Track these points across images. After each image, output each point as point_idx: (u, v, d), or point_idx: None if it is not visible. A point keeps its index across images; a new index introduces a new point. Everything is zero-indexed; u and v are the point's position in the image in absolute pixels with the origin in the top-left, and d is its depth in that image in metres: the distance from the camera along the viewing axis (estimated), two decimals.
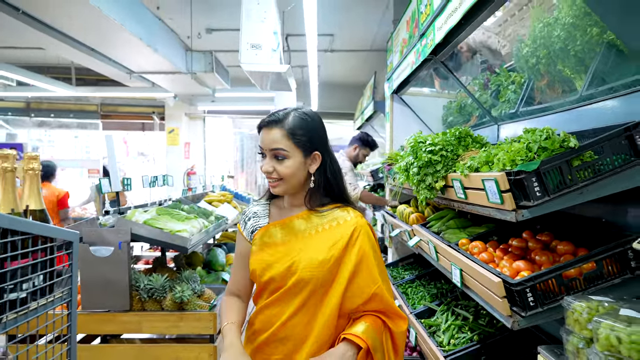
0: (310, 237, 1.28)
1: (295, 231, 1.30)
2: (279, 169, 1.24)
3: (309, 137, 1.25)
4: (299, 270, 1.23)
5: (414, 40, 2.70)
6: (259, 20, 2.46)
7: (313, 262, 1.23)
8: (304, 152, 1.25)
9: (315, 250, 1.25)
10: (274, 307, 1.27)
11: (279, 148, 1.23)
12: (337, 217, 1.30)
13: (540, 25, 1.99)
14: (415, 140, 2.04)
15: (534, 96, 2.35)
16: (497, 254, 1.69)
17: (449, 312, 2.40)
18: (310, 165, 1.28)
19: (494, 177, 1.38)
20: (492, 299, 1.44)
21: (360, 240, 1.27)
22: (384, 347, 1.25)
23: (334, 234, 1.27)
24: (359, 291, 1.24)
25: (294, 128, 1.24)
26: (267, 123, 1.26)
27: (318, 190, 1.30)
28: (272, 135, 1.24)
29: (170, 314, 2.37)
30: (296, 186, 1.28)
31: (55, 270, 1.02)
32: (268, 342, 1.26)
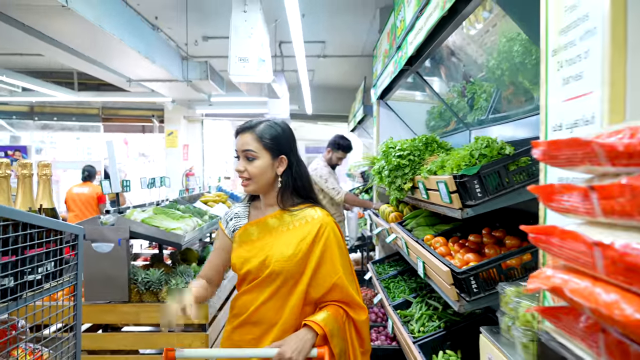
0: (282, 233, 1.46)
1: (269, 229, 1.48)
2: (249, 169, 1.43)
3: (277, 142, 1.45)
4: (271, 264, 1.41)
5: (393, 51, 2.90)
6: (246, 36, 2.67)
7: (284, 256, 1.41)
8: (271, 155, 1.45)
9: (286, 246, 1.43)
10: (251, 293, 1.46)
11: (249, 149, 1.43)
12: (305, 216, 1.48)
13: (504, 40, 2.19)
14: (387, 145, 2.24)
15: (501, 104, 2.55)
16: (455, 248, 1.89)
17: (423, 304, 2.60)
18: (278, 168, 1.47)
19: (444, 180, 1.58)
20: (444, 286, 1.65)
21: (325, 236, 1.45)
22: (346, 334, 1.43)
23: (303, 230, 1.45)
24: (322, 281, 1.42)
25: (263, 133, 1.44)
26: (242, 129, 1.46)
27: (287, 190, 1.49)
28: (245, 139, 1.44)
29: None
30: (265, 185, 1.47)
31: (63, 258, 1.23)
32: (244, 323, 1.45)
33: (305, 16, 4.34)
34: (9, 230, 0.99)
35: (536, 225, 0.75)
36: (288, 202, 1.50)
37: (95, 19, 2.36)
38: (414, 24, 2.25)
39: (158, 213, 2.82)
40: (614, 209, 0.58)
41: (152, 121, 7.72)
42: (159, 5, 3.98)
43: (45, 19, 2.41)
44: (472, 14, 1.80)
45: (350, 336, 1.46)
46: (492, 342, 1.40)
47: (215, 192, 4.38)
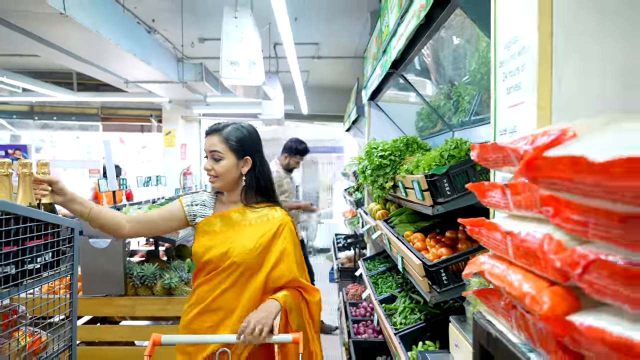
0: (244, 228, 1.58)
1: (232, 223, 1.59)
2: (215, 168, 1.55)
3: (242, 143, 1.57)
4: (233, 256, 1.52)
5: (380, 55, 3.01)
6: (237, 41, 2.78)
7: (245, 249, 1.53)
8: (236, 156, 1.57)
9: (247, 239, 1.55)
10: (210, 283, 1.56)
11: (215, 150, 1.55)
12: (267, 214, 1.61)
13: (484, 44, 2.30)
14: (369, 145, 2.35)
15: (482, 107, 2.66)
16: (431, 243, 2.00)
17: (406, 298, 2.71)
18: (242, 167, 1.59)
19: (417, 178, 1.69)
20: (418, 279, 1.76)
21: (283, 234, 1.58)
22: (301, 312, 1.57)
23: (264, 227, 1.58)
24: (279, 276, 1.56)
25: (229, 135, 1.56)
26: (210, 131, 1.59)
27: (250, 189, 1.61)
28: (212, 140, 1.56)
29: (159, 298, 2.69)
30: (230, 183, 1.59)
31: (60, 250, 1.34)
32: (203, 312, 1.55)
33: (298, 19, 4.45)
34: (10, 223, 1.10)
35: (470, 218, 0.86)
36: (251, 200, 1.61)
37: (93, 25, 2.46)
38: (396, 29, 2.36)
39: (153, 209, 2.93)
40: (521, 203, 0.69)
41: (150, 121, 7.84)
42: (155, 8, 4.09)
43: (43, 25, 2.51)
44: (448, 20, 1.90)
45: (305, 316, 1.60)
46: (458, 329, 1.51)
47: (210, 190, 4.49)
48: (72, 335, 1.39)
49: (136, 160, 9.79)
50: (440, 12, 1.81)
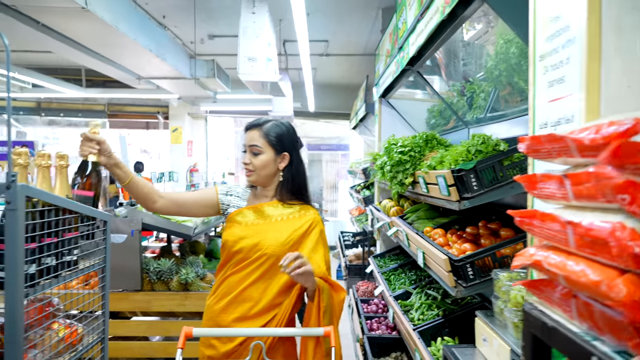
0: (276, 222, 1.59)
1: (265, 216, 1.61)
2: (254, 162, 1.57)
3: (280, 139, 1.59)
4: (264, 247, 1.54)
5: (395, 52, 3.01)
6: (255, 36, 2.78)
7: (277, 242, 1.54)
8: (275, 151, 1.58)
9: (279, 233, 1.56)
10: (239, 274, 1.57)
11: (255, 144, 1.57)
12: (299, 211, 1.63)
13: (502, 42, 2.30)
14: (389, 142, 2.35)
15: (499, 103, 2.66)
16: (453, 239, 2.00)
17: (422, 294, 2.71)
18: (280, 163, 1.61)
19: (443, 174, 1.70)
20: (442, 274, 1.76)
21: (315, 232, 1.59)
22: (332, 297, 1.56)
23: (295, 223, 1.59)
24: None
25: (268, 131, 1.58)
26: (251, 126, 1.61)
27: (285, 186, 1.62)
28: (252, 134, 1.59)
29: (176, 294, 2.69)
30: (265, 178, 1.60)
31: (94, 242, 1.35)
32: (231, 303, 1.56)
33: (309, 16, 4.45)
34: (52, 214, 1.11)
35: (521, 210, 0.86)
36: (285, 197, 1.63)
37: (112, 20, 2.47)
38: (415, 26, 2.36)
39: None
40: (583, 193, 0.69)
41: (157, 117, 7.84)
42: (166, 5, 4.09)
43: (63, 19, 2.52)
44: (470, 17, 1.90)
45: (332, 309, 1.58)
46: (487, 324, 1.52)
47: None
48: (104, 328, 1.39)
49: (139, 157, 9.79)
50: (464, 8, 1.81)
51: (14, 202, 0.94)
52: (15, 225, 0.95)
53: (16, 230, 0.95)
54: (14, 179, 0.93)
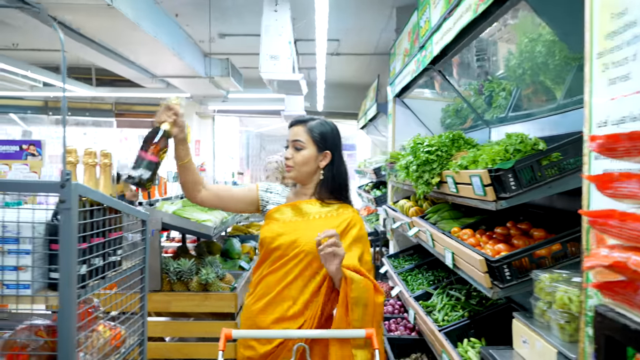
0: (314, 220, 1.57)
1: (303, 213, 1.59)
2: (295, 157, 1.56)
3: (324, 137, 1.57)
4: (302, 244, 1.51)
5: (415, 50, 2.99)
6: (277, 34, 2.76)
7: (314, 239, 1.52)
8: (317, 148, 1.57)
9: (317, 230, 1.51)
10: (277, 273, 1.54)
11: (298, 139, 1.56)
12: (338, 209, 1.60)
13: (526, 40, 2.28)
14: (415, 141, 2.33)
15: (521, 103, 2.64)
16: (483, 239, 1.98)
17: (444, 295, 2.69)
18: (321, 161, 1.59)
19: (478, 173, 1.67)
20: (477, 275, 1.74)
21: (353, 231, 1.56)
22: (366, 293, 1.44)
23: (334, 221, 1.56)
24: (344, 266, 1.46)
25: (313, 127, 1.57)
26: (296, 122, 1.60)
27: (325, 184, 1.60)
28: (296, 130, 1.59)
29: (196, 294, 2.67)
30: (305, 174, 1.59)
31: (134, 242, 1.32)
32: (269, 303, 1.53)
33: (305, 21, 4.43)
34: (100, 214, 1.08)
35: (594, 210, 0.84)
36: (324, 196, 1.61)
37: (134, 17, 2.45)
38: (440, 24, 2.34)
39: (186, 205, 2.92)
40: None
41: None
42: (179, 3, 4.07)
43: (87, 17, 2.50)
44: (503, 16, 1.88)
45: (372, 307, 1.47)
46: (527, 326, 1.50)
47: None
48: (144, 330, 1.37)
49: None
50: (499, 7, 1.79)
51: (68, 201, 0.91)
52: (70, 224, 0.92)
53: (70, 229, 0.93)
54: (68, 177, 0.90)
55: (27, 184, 0.96)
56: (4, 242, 0.97)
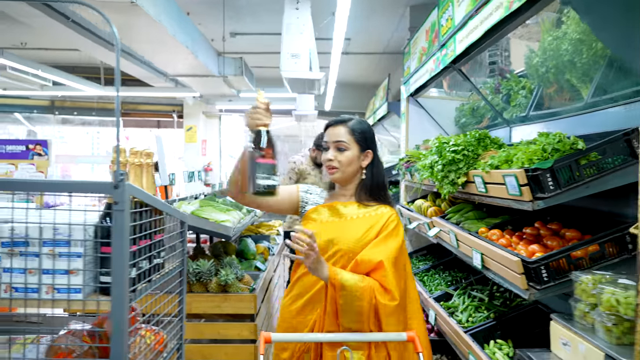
0: (351, 220, 1.55)
1: (340, 214, 1.57)
2: (339, 158, 1.53)
3: (365, 137, 1.55)
4: (339, 243, 1.49)
5: (434, 49, 2.96)
6: (298, 33, 2.74)
7: (352, 238, 1.49)
8: (360, 148, 1.54)
9: (354, 230, 1.51)
10: (312, 275, 1.50)
11: (341, 140, 1.53)
12: (376, 209, 1.57)
13: (550, 39, 2.25)
14: (440, 141, 2.30)
15: (543, 101, 2.61)
16: (514, 240, 1.96)
17: (465, 296, 2.67)
18: (363, 161, 1.56)
19: (514, 173, 1.65)
20: (511, 276, 1.71)
21: (390, 228, 1.52)
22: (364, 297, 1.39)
23: (371, 220, 1.53)
24: (368, 260, 1.45)
25: (354, 127, 1.54)
26: (335, 123, 1.57)
27: (365, 184, 1.58)
28: (337, 130, 1.55)
29: (215, 295, 2.65)
30: (349, 175, 1.56)
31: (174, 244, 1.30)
32: (307, 304, 1.51)
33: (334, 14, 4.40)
34: (147, 215, 1.06)
35: None
36: (363, 196, 1.58)
37: (155, 14, 2.42)
38: (466, 22, 2.31)
39: (204, 205, 2.89)
40: None
41: (170, 116, 7.79)
42: (192, 1, 4.04)
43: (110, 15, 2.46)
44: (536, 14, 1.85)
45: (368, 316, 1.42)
46: (568, 328, 1.47)
47: None
48: (181, 334, 1.35)
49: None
50: (531, 5, 1.76)
51: (122, 202, 0.89)
52: (123, 226, 0.90)
53: (123, 231, 0.90)
54: (122, 178, 0.88)
55: (78, 184, 0.93)
56: (54, 245, 0.95)
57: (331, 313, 1.44)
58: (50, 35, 3.04)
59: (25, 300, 0.94)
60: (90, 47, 3.44)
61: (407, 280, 1.52)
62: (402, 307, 1.44)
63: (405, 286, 1.49)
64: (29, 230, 0.94)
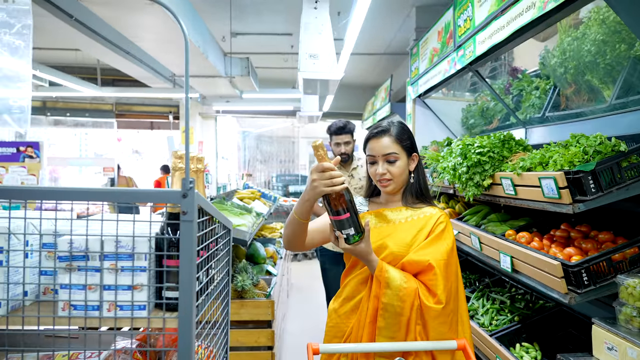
0: (400, 224, 1.49)
1: (387, 219, 1.52)
2: (392, 170, 1.47)
3: (410, 141, 1.50)
4: (390, 246, 1.42)
5: (448, 50, 2.94)
6: (317, 33, 2.68)
7: (403, 242, 1.43)
8: (407, 154, 1.50)
9: (405, 234, 1.45)
10: (362, 276, 1.46)
11: (391, 152, 1.47)
12: (424, 211, 1.51)
13: (569, 39, 2.24)
14: (463, 143, 2.28)
15: (560, 102, 2.60)
16: (545, 243, 1.94)
17: (484, 298, 2.65)
18: (410, 165, 1.52)
19: (552, 175, 1.63)
20: (549, 280, 1.69)
21: (437, 230, 1.45)
22: (407, 300, 1.34)
23: (420, 223, 1.47)
24: (416, 261, 1.38)
25: (399, 134, 1.48)
26: (377, 133, 1.50)
27: (412, 187, 1.53)
28: (383, 142, 1.48)
29: (232, 302, 2.58)
30: (401, 184, 1.51)
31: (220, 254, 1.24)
32: (355, 308, 1.46)
33: (340, 14, 4.36)
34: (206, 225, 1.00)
35: None
36: (410, 199, 1.53)
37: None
38: (489, 23, 2.29)
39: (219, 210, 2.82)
40: None
41: (165, 117, 7.65)
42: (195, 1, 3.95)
43: (127, 14, 2.38)
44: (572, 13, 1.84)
45: (410, 318, 1.37)
46: (615, 332, 1.45)
47: (248, 190, 4.38)
48: (227, 345, 1.29)
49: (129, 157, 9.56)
50: (567, 4, 1.75)
51: (190, 212, 0.83)
52: (191, 238, 0.84)
53: (191, 243, 0.85)
54: (191, 186, 0.82)
55: (145, 194, 0.87)
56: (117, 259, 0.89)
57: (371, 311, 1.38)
58: (50, 34, 2.93)
59: (85, 318, 0.88)
60: (91, 46, 3.33)
61: (459, 284, 1.47)
62: (451, 312, 1.40)
63: (457, 291, 1.44)
64: (88, 243, 0.88)
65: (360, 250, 1.34)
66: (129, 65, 4.06)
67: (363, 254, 1.36)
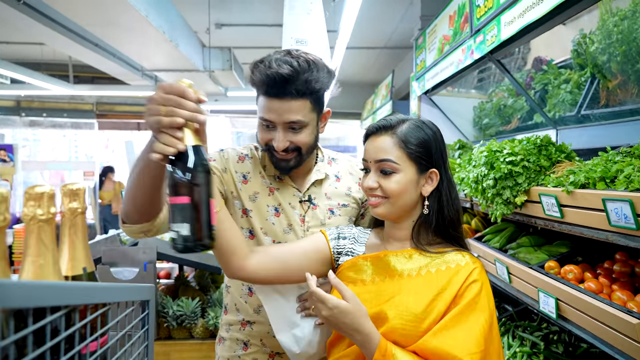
0: (409, 279, 1.00)
1: (390, 270, 1.02)
2: (384, 185, 1.00)
3: (427, 149, 1.01)
4: (390, 318, 0.95)
5: (463, 36, 2.48)
6: (305, 13, 2.20)
7: (410, 313, 0.94)
8: (418, 168, 1.01)
9: (415, 297, 0.97)
10: (349, 357, 1.01)
11: (386, 159, 0.99)
12: (447, 260, 1.01)
13: (615, 19, 1.79)
14: (489, 148, 1.81)
15: (600, 98, 2.15)
16: (603, 281, 1.48)
17: (509, 335, 2.19)
18: (424, 187, 1.03)
19: (627, 197, 1.16)
20: (617, 340, 1.23)
21: (468, 292, 0.95)
22: None
23: (441, 280, 0.98)
24: (433, 348, 0.92)
25: (407, 136, 1.00)
26: (376, 129, 1.03)
27: (428, 221, 1.04)
28: (380, 143, 1.00)
29: (202, 343, 2.12)
30: (403, 209, 1.02)
31: (128, 335, 0.78)
32: None
33: (334, 2, 3.90)
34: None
35: None
36: (425, 239, 1.04)
37: None
38: (513, 3, 1.83)
39: None
40: None
41: None
42: None
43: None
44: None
45: None
46: None
47: None
48: None
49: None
50: None
51: None
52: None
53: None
54: None
55: None
56: None
57: None
58: (9, 27, 2.48)
59: None
60: (57, 40, 2.88)
61: None
62: None
63: None
64: None
65: (342, 310, 0.90)
66: (101, 60, 3.60)
67: (347, 320, 0.90)
